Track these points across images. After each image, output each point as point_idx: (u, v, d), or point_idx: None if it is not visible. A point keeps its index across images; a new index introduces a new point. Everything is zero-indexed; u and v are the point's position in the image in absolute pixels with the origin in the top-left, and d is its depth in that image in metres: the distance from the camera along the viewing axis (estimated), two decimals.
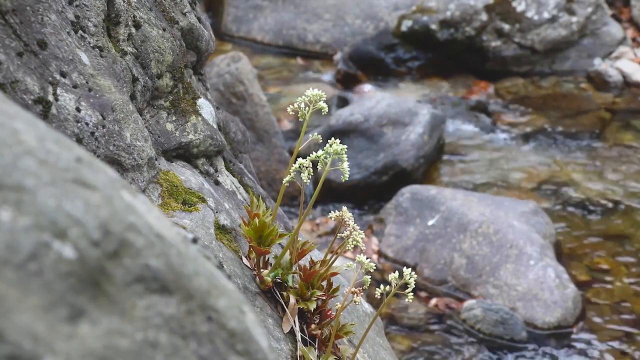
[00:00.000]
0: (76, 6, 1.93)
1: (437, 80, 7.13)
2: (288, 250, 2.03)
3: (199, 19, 2.36)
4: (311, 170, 1.91)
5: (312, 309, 2.00)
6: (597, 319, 4.69)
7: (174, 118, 2.19)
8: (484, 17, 7.16)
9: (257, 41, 7.52)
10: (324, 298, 2.03)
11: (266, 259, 2.08)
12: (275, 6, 7.58)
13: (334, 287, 2.06)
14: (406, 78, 7.17)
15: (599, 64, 7.18)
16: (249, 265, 2.08)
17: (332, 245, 2.08)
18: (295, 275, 2.05)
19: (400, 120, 5.87)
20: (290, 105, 1.98)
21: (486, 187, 5.80)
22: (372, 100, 6.07)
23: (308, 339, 2.02)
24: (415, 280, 1.91)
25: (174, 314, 0.89)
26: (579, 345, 4.53)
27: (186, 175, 2.14)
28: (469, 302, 4.67)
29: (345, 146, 1.89)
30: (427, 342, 4.54)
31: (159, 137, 2.14)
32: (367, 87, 6.96)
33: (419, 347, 4.51)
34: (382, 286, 1.91)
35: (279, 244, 2.17)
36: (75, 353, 0.79)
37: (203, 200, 2.09)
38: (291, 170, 1.94)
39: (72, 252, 0.83)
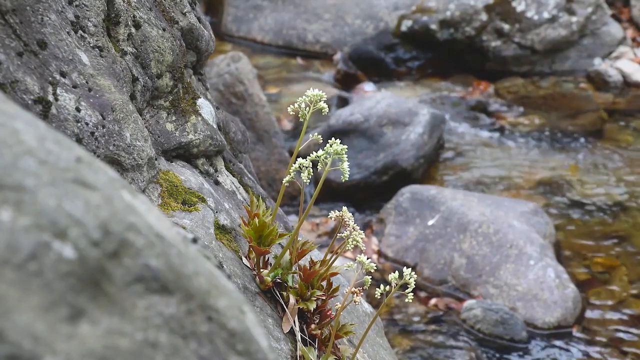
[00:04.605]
0: (76, 6, 1.93)
1: (437, 80, 7.13)
2: (288, 250, 2.03)
3: (199, 19, 2.36)
4: (311, 170, 1.91)
5: (312, 309, 2.00)
6: (597, 319, 4.69)
7: (173, 118, 2.19)
8: (484, 17, 7.16)
9: (257, 41, 7.52)
10: (324, 298, 2.03)
11: (266, 259, 2.08)
12: (275, 6, 7.58)
13: (333, 287, 2.06)
14: (406, 78, 7.17)
15: (599, 64, 7.18)
16: (248, 265, 2.08)
17: (332, 245, 2.08)
18: (295, 275, 2.05)
19: (400, 120, 5.87)
20: (291, 105, 1.98)
21: (486, 187, 5.80)
22: (372, 100, 6.06)
23: (308, 339, 2.02)
24: (415, 280, 1.91)
25: (174, 314, 0.89)
26: (579, 345, 4.53)
27: (186, 175, 2.14)
28: (469, 302, 4.66)
29: (346, 146, 1.89)
30: (427, 342, 4.54)
31: (158, 137, 2.14)
32: (367, 87, 6.95)
33: (419, 347, 4.51)
34: (382, 286, 1.91)
35: (279, 244, 2.17)
36: (75, 353, 0.79)
37: (203, 200, 2.09)
38: (291, 170, 1.94)
39: (72, 252, 0.83)
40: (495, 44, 7.16)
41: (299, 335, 2.00)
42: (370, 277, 1.98)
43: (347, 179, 1.90)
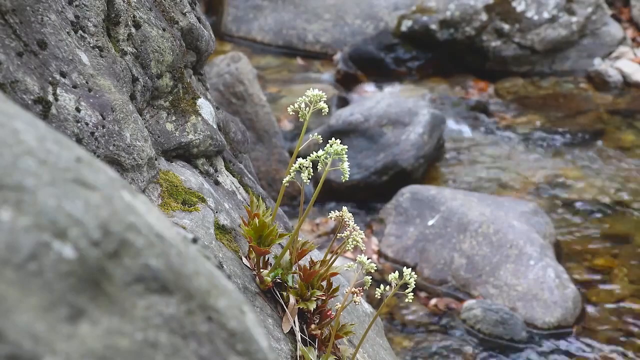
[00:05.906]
0: (76, 6, 1.93)
1: (437, 80, 7.13)
2: (288, 250, 2.03)
3: (198, 19, 2.36)
4: (311, 170, 1.91)
5: (312, 309, 2.00)
6: (597, 319, 4.69)
7: (173, 118, 2.19)
8: (484, 17, 7.16)
9: (257, 41, 7.52)
10: (324, 298, 2.03)
11: (266, 259, 2.08)
12: (275, 6, 7.58)
13: (333, 287, 2.06)
14: (406, 78, 7.17)
15: (599, 64, 7.18)
16: (248, 265, 2.08)
17: (332, 245, 2.08)
18: (295, 275, 2.05)
19: (400, 120, 5.87)
20: (291, 106, 1.98)
21: (486, 187, 5.80)
22: (372, 100, 6.06)
23: (308, 339, 2.02)
24: (415, 281, 1.91)
25: (174, 314, 0.89)
26: (579, 345, 4.53)
27: (186, 175, 2.14)
28: (469, 302, 4.66)
29: (346, 146, 1.89)
30: (427, 342, 4.54)
31: (158, 137, 2.14)
32: (367, 87, 6.96)
33: (419, 347, 4.51)
34: (382, 286, 1.91)
35: (279, 244, 2.17)
36: (75, 353, 0.79)
37: (203, 200, 2.09)
38: (291, 170, 1.94)
39: (72, 252, 0.83)
40: (495, 44, 7.16)
41: (299, 335, 2.00)
42: (370, 277, 1.98)
43: (347, 179, 1.90)
